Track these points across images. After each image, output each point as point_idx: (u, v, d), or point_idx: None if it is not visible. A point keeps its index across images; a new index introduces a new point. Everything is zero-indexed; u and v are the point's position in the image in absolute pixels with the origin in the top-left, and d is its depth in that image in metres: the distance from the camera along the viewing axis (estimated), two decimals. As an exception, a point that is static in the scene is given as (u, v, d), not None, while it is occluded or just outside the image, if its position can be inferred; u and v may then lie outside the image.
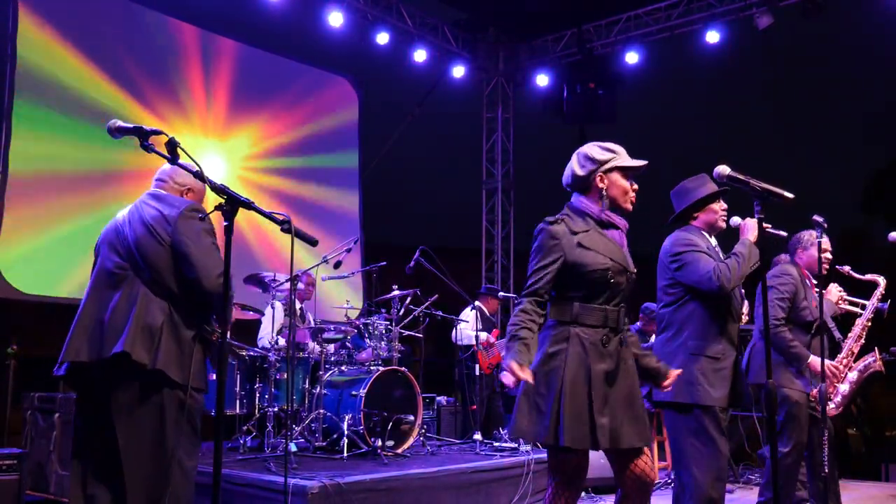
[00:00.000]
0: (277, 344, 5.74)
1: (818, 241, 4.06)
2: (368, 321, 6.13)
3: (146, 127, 2.53)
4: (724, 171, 2.96)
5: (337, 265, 6.18)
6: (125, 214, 3.11)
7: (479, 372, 6.90)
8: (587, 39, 9.94)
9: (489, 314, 7.86)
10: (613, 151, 2.91)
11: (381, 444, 5.29)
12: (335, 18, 8.74)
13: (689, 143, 16.16)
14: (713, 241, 3.50)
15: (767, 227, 3.57)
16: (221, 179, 3.05)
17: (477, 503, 4.95)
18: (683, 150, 13.25)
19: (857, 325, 4.46)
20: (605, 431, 2.68)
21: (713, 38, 9.06)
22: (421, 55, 9.76)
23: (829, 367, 4.24)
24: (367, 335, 6.11)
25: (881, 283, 4.51)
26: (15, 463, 4.36)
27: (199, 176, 2.68)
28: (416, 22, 9.68)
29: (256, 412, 5.59)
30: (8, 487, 4.30)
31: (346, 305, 6.52)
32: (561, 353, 2.74)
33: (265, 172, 9.07)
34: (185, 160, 2.60)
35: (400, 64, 9.90)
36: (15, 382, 6.23)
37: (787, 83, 18.36)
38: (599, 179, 2.87)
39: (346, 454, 5.13)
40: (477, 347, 6.83)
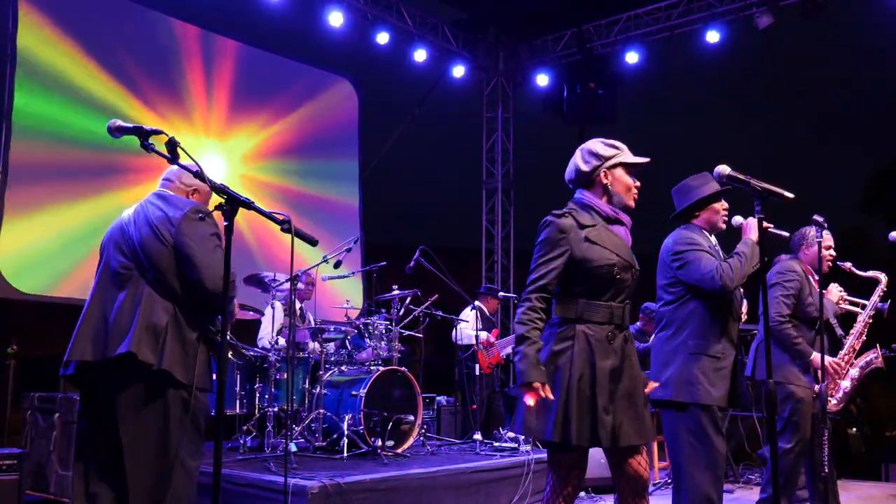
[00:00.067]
0: (277, 344, 5.74)
1: (818, 240, 4.06)
2: (368, 321, 6.12)
3: (146, 126, 2.53)
4: (724, 170, 2.96)
5: (337, 265, 6.18)
6: (130, 214, 3.10)
7: (479, 372, 6.89)
8: (587, 39, 9.94)
9: (489, 314, 7.85)
10: (617, 148, 2.92)
11: (381, 444, 5.29)
12: (335, 18, 8.74)
13: (688, 143, 16.17)
14: (713, 239, 3.50)
15: (769, 226, 3.57)
16: (221, 179, 3.05)
17: (477, 503, 4.95)
18: (683, 150, 13.24)
19: (858, 322, 4.48)
20: (606, 429, 2.68)
21: (713, 38, 9.06)
22: (421, 55, 9.76)
23: (830, 363, 4.25)
24: (367, 335, 6.11)
25: (882, 279, 4.51)
26: (15, 463, 4.36)
27: (199, 175, 2.68)
28: (416, 22, 9.68)
29: (256, 412, 5.59)
30: (8, 487, 4.30)
31: (346, 305, 6.52)
32: (566, 350, 2.74)
33: (265, 172, 9.06)
34: (185, 160, 2.59)
35: (400, 64, 9.90)
36: (15, 382, 6.23)
37: (787, 83, 18.36)
38: (603, 175, 2.88)
39: (346, 454, 5.13)
40: (477, 347, 6.82)
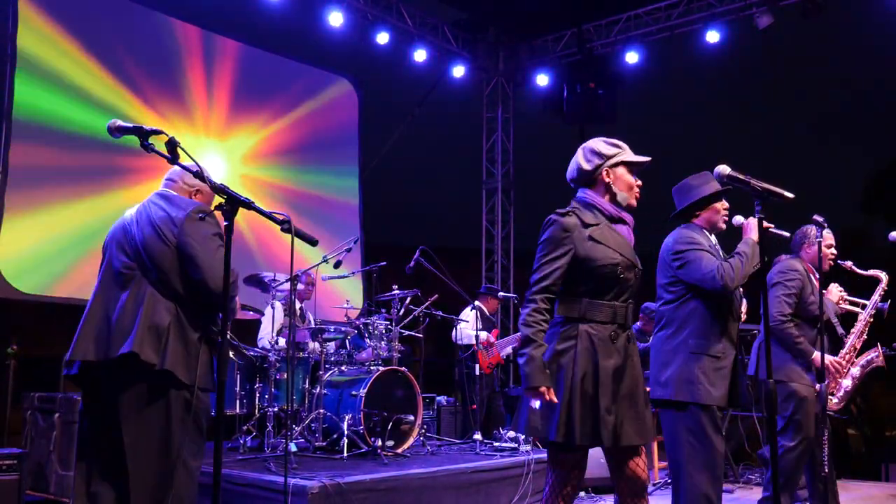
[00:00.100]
0: (277, 344, 5.74)
1: (818, 239, 4.06)
2: (368, 321, 6.12)
3: (146, 126, 2.53)
4: (724, 170, 2.96)
5: (337, 265, 6.18)
6: (133, 214, 3.10)
7: (479, 372, 6.89)
8: (587, 39, 9.94)
9: (489, 314, 7.85)
10: (619, 146, 2.93)
11: (381, 444, 5.29)
12: (335, 18, 8.74)
13: (688, 143, 16.17)
14: (713, 239, 3.50)
15: (770, 226, 3.57)
16: (221, 179, 3.05)
17: (477, 503, 4.95)
18: (683, 150, 13.24)
19: (859, 321, 4.49)
20: (608, 428, 2.68)
21: (713, 38, 9.06)
22: (421, 55, 9.76)
23: (832, 362, 4.26)
24: (367, 335, 6.11)
25: (883, 278, 4.52)
26: (15, 463, 4.36)
27: (199, 175, 2.69)
28: (416, 22, 9.68)
29: (256, 412, 5.59)
30: (8, 487, 4.30)
31: (346, 305, 6.52)
32: (569, 350, 2.73)
33: (265, 172, 9.06)
34: (185, 160, 2.59)
35: (400, 64, 9.90)
36: (15, 382, 6.23)
37: (787, 83, 18.37)
38: (605, 174, 2.88)
39: (346, 454, 5.13)
40: (477, 347, 6.82)
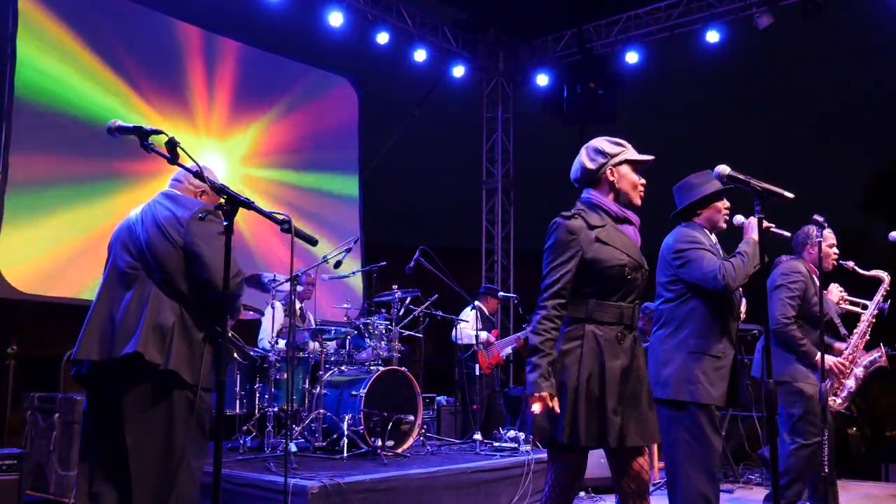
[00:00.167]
0: (277, 345, 5.74)
1: (818, 240, 4.06)
2: (368, 321, 6.13)
3: (146, 126, 2.53)
4: (724, 170, 2.96)
5: (337, 265, 6.18)
6: (138, 213, 3.09)
7: (479, 372, 6.89)
8: (587, 39, 9.94)
9: (489, 314, 7.85)
10: (622, 145, 2.93)
11: (381, 444, 5.29)
12: (335, 18, 8.74)
13: (689, 143, 16.17)
14: (714, 238, 3.50)
15: (771, 226, 3.56)
16: (222, 179, 3.05)
17: (477, 503, 4.95)
18: (683, 150, 13.24)
19: (862, 321, 4.49)
20: (615, 430, 2.67)
21: (713, 38, 9.06)
22: (421, 55, 9.76)
23: (835, 363, 4.28)
24: (367, 335, 6.11)
25: (885, 279, 4.52)
26: (15, 463, 4.35)
27: (198, 176, 2.69)
28: (416, 22, 9.68)
29: (256, 412, 5.60)
30: (8, 487, 4.29)
31: (346, 306, 6.52)
32: (574, 350, 2.73)
33: (265, 172, 9.06)
34: (184, 160, 2.59)
35: (400, 64, 9.90)
36: (15, 382, 6.22)
37: (787, 83, 18.38)
38: (610, 172, 2.87)
39: (346, 454, 5.13)
40: (477, 347, 6.83)
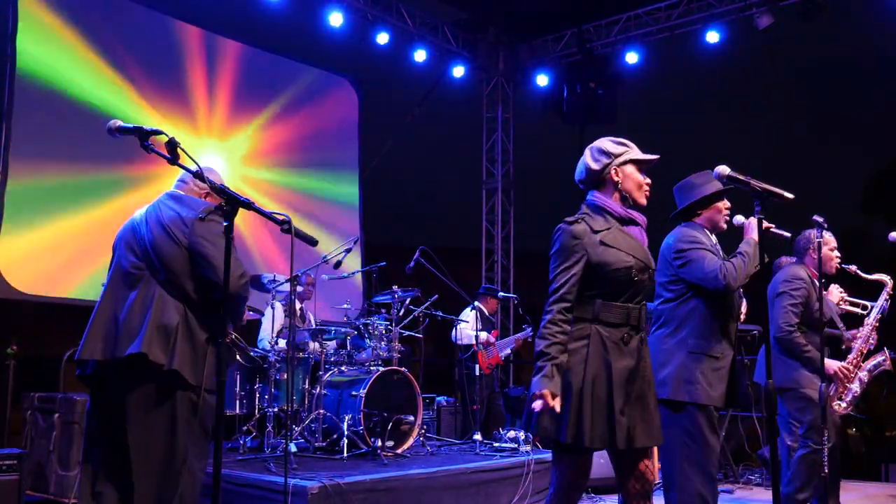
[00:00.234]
0: (277, 345, 5.74)
1: (818, 241, 4.06)
2: (368, 321, 6.13)
3: (146, 127, 2.53)
4: (724, 170, 2.95)
5: (337, 265, 6.18)
6: (143, 214, 3.09)
7: (478, 372, 6.90)
8: (587, 39, 9.94)
9: (489, 314, 7.85)
10: (626, 145, 2.92)
11: (381, 444, 5.29)
12: (335, 18, 8.74)
13: (688, 143, 16.17)
14: (714, 238, 3.50)
15: (771, 226, 3.56)
16: (222, 179, 3.05)
17: (477, 503, 4.95)
18: (683, 150, 13.24)
19: (865, 325, 4.48)
20: (623, 431, 2.66)
21: (713, 38, 9.06)
22: (421, 55, 9.76)
23: (840, 368, 4.29)
24: (367, 335, 6.11)
25: (888, 283, 4.51)
26: (15, 463, 4.35)
27: (198, 176, 2.68)
28: (416, 22, 9.68)
29: (256, 412, 5.60)
30: (8, 487, 4.29)
31: (346, 306, 6.52)
32: (580, 350, 2.71)
33: (265, 172, 9.06)
34: (185, 160, 2.59)
35: (400, 64, 9.90)
36: (15, 382, 6.22)
37: (787, 83, 18.39)
38: (614, 173, 2.86)
39: (346, 454, 5.13)
40: (477, 347, 6.83)
